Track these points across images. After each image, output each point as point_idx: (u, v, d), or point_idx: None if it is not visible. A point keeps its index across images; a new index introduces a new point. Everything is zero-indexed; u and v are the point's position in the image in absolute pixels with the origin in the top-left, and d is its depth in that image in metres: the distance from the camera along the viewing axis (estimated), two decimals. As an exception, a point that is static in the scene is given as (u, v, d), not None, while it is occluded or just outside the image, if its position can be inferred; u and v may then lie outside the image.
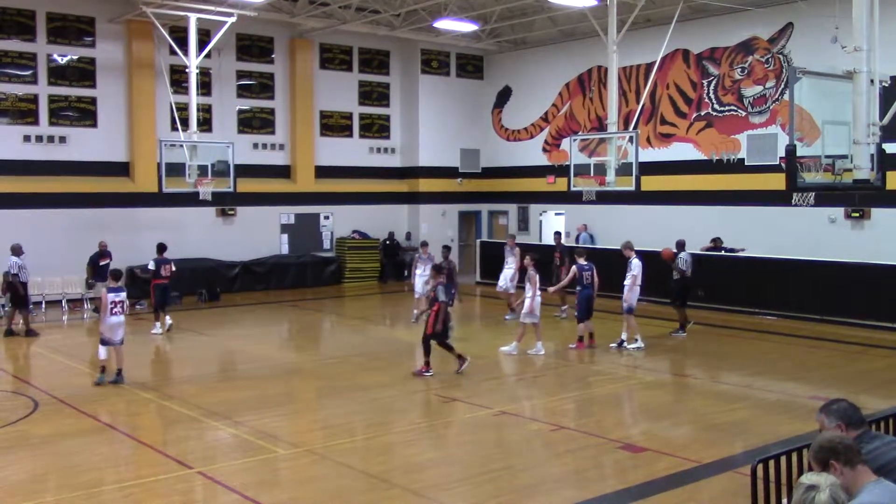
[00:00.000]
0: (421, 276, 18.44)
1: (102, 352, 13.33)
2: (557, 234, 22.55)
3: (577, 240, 25.51)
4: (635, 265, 16.32)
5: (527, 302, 15.34)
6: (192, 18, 21.63)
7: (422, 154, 29.30)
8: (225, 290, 24.39)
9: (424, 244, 19.86)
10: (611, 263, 18.21)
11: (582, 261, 16.12)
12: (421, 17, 25.57)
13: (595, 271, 16.16)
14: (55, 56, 23.11)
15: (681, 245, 17.16)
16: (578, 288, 16.06)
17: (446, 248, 19.09)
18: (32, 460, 9.63)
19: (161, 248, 18.77)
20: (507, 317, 19.70)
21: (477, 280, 27.07)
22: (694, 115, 24.37)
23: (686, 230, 23.12)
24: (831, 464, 4.23)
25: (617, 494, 8.42)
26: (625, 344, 16.10)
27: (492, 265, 21.26)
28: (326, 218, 27.97)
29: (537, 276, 15.37)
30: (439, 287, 13.75)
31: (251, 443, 10.25)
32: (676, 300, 17.63)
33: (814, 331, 18.02)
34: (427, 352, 13.85)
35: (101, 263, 19.73)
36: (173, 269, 18.75)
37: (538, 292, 15.35)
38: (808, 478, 3.88)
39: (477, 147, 30.57)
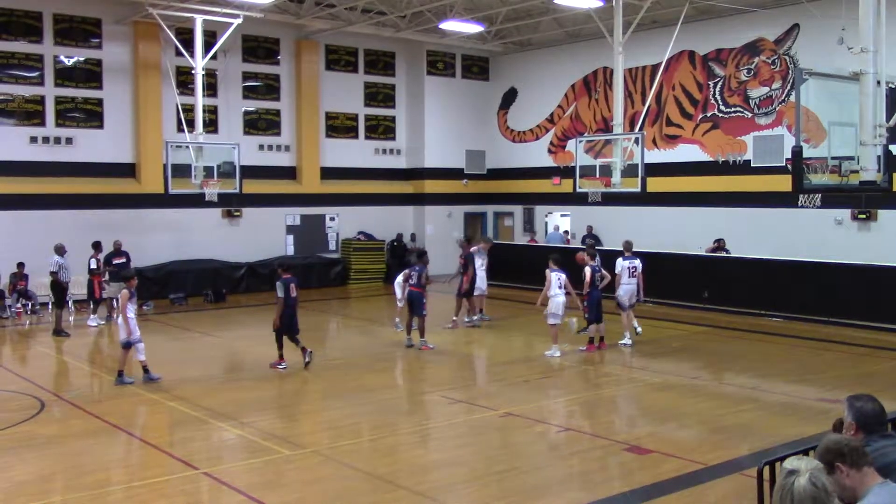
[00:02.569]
0: (398, 285, 17.90)
1: (140, 352, 13.48)
2: (464, 238, 21.24)
3: (583, 241, 25.50)
4: (617, 264, 16.56)
5: (550, 302, 15.33)
6: (199, 20, 21.68)
7: (427, 155, 29.32)
8: (230, 290, 24.43)
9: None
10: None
11: (593, 262, 16.12)
12: (427, 19, 25.59)
13: (603, 272, 16.15)
14: (62, 57, 23.18)
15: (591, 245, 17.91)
16: (588, 290, 16.04)
17: (420, 255, 17.67)
18: (39, 461, 9.65)
19: (96, 246, 19.90)
20: (475, 318, 19.60)
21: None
22: (700, 117, 24.35)
23: (691, 231, 23.23)
24: (837, 466, 4.21)
25: (623, 496, 8.40)
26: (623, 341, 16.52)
27: (498, 267, 21.22)
28: (332, 219, 28.00)
29: (557, 276, 15.33)
30: (278, 284, 14.48)
31: (257, 444, 10.26)
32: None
33: (820, 333, 17.96)
34: (279, 346, 14.46)
35: (116, 262, 19.84)
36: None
37: (558, 292, 15.32)
38: (789, 462, 3.87)
39: (482, 148, 30.59)
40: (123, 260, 20.14)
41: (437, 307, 19.05)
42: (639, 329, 16.64)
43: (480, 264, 19.62)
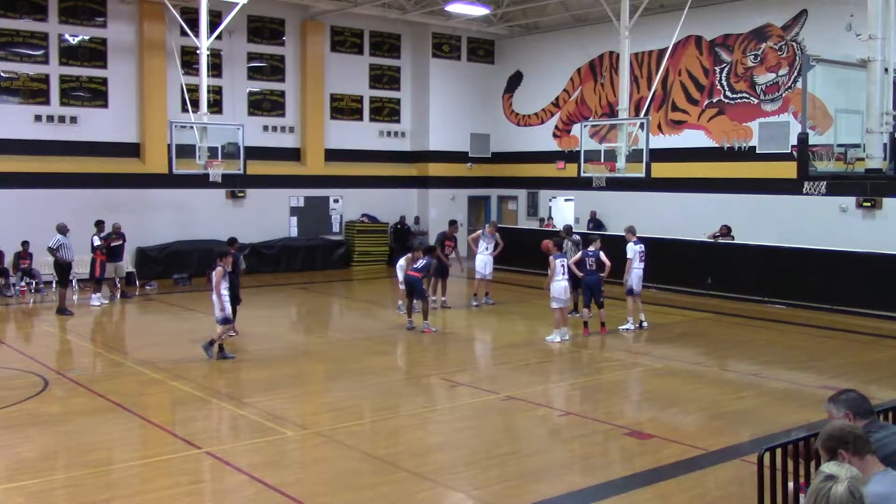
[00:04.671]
0: (400, 268, 17.83)
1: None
2: (453, 222, 20.87)
3: (587, 226, 25.48)
4: (629, 249, 16.60)
5: (551, 287, 15.35)
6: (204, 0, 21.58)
7: (432, 138, 29.26)
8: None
9: (431, 250, 18.73)
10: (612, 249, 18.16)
11: (591, 248, 16.10)
12: (432, 1, 25.49)
13: (600, 257, 16.01)
14: (67, 36, 23.12)
15: (568, 230, 18.29)
16: (581, 274, 16.05)
17: (429, 250, 17.71)
18: (42, 438, 9.69)
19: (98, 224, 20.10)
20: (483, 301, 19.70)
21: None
22: (706, 102, 24.25)
23: (695, 217, 23.19)
24: (839, 453, 4.22)
25: (623, 481, 8.43)
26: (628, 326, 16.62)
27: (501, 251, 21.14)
28: (336, 201, 27.98)
29: (558, 262, 15.33)
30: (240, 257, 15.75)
31: (259, 424, 10.30)
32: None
33: (823, 320, 17.96)
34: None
35: (114, 244, 19.93)
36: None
37: (557, 277, 15.32)
38: (828, 467, 3.85)
39: (487, 132, 30.51)
40: (121, 242, 20.26)
41: (450, 290, 19.20)
42: (644, 323, 16.69)
43: (485, 248, 19.61)
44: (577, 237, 18.36)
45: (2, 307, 19.52)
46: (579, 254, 16.22)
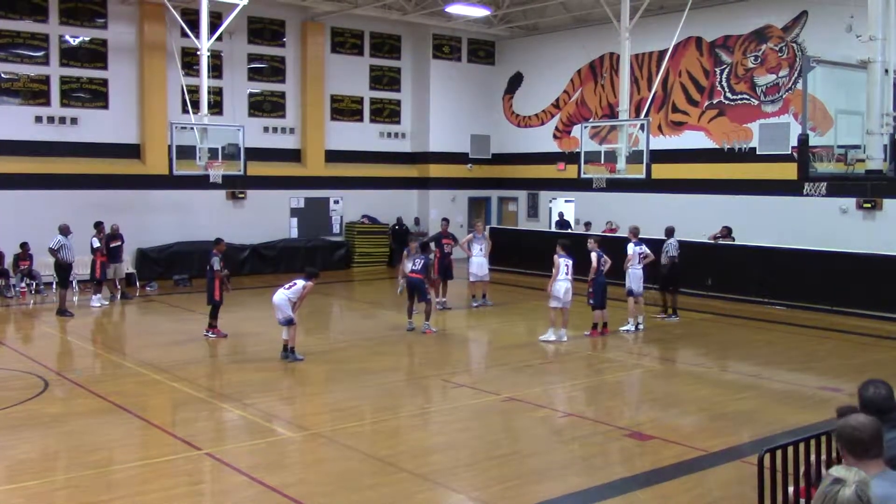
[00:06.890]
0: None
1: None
2: (445, 220, 21.15)
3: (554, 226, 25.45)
4: (628, 249, 16.69)
5: (552, 286, 15.37)
6: (204, 1, 21.57)
7: (432, 139, 29.27)
8: (234, 272, 24.21)
9: (413, 238, 19.32)
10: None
11: (598, 249, 16.11)
12: (433, 2, 25.50)
13: (604, 257, 16.08)
14: (67, 37, 23.13)
15: (670, 231, 18.19)
16: (591, 276, 16.01)
17: (424, 245, 18.32)
18: (42, 439, 9.70)
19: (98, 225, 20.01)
20: (474, 304, 19.75)
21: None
22: (706, 104, 24.26)
23: (696, 218, 23.17)
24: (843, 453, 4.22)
25: (623, 482, 8.43)
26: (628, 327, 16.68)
27: (501, 251, 21.16)
28: (336, 202, 27.99)
29: (562, 262, 15.33)
30: (214, 258, 15.56)
31: (259, 425, 10.30)
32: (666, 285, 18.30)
33: (823, 321, 17.96)
34: (214, 315, 15.66)
35: (112, 245, 19.94)
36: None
37: (560, 277, 15.33)
38: (836, 471, 3.84)
39: (487, 133, 30.52)
40: (119, 243, 20.25)
41: (450, 291, 19.25)
42: (641, 326, 16.68)
43: (479, 249, 19.61)
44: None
45: (2, 308, 19.54)
46: (594, 255, 16.11)
